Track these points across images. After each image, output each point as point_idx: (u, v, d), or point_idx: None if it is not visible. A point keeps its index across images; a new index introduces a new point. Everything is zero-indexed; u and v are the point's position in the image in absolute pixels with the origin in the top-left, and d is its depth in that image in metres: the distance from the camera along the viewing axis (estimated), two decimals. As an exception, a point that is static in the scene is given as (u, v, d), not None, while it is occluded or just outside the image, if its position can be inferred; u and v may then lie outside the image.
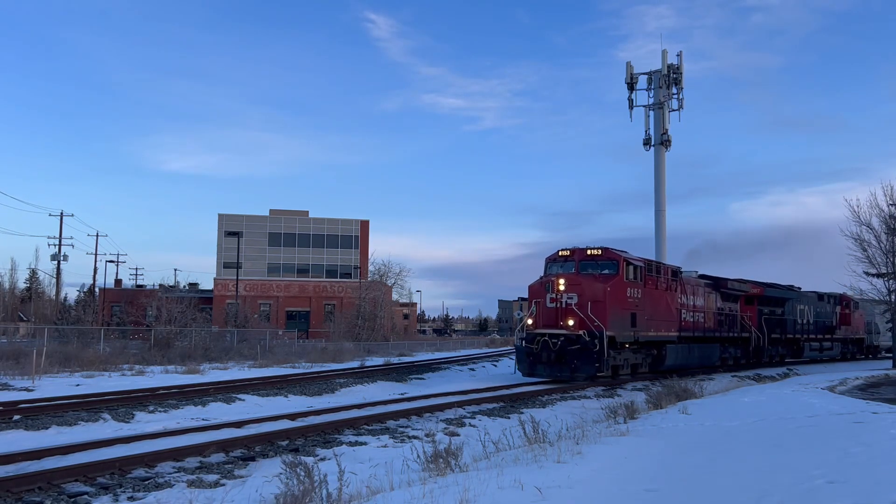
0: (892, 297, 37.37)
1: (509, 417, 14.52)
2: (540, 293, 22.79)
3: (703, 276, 31.11)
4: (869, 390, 23.04)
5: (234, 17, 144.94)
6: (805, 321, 38.86)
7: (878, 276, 37.30)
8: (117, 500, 7.70)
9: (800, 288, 39.78)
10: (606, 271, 22.86)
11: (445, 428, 12.91)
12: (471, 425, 13.49)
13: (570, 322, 21.71)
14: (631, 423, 11.84)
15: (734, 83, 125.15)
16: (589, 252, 23.08)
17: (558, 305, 22.13)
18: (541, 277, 23.67)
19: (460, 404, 15.88)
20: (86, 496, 7.77)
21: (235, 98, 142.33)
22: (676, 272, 27.48)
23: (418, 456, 8.19)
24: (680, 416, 12.78)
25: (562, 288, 22.18)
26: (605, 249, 23.13)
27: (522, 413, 14.86)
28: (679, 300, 27.19)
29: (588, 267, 22.99)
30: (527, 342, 22.23)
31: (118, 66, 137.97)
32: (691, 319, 28.06)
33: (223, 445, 10.33)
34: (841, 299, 43.59)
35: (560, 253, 23.75)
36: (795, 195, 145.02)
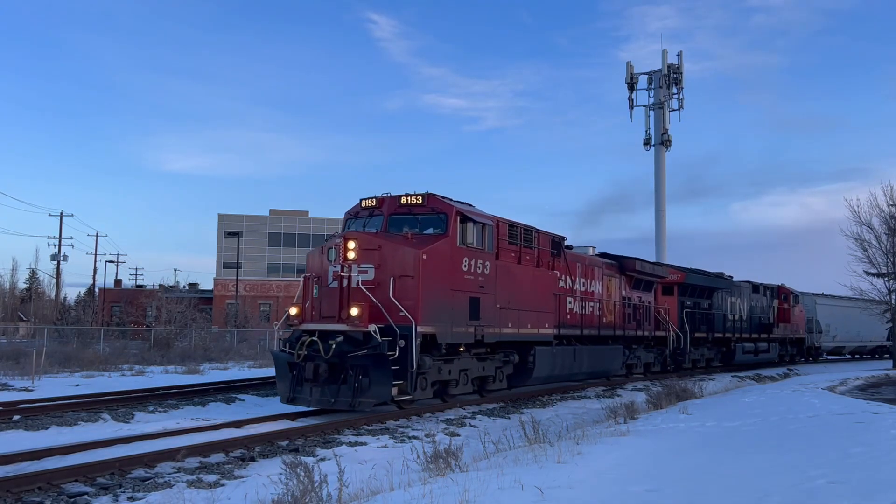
0: (892, 297, 37.34)
1: (509, 417, 14.52)
2: (319, 266, 14.50)
3: (603, 255, 23.90)
4: (869, 390, 23.03)
5: (235, 18, 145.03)
6: (737, 317, 32.61)
7: (879, 276, 37.28)
8: (117, 501, 7.70)
9: (731, 277, 33.51)
10: (431, 230, 14.74)
11: (445, 428, 12.91)
12: (471, 425, 13.49)
13: (355, 311, 13.21)
14: (631, 424, 11.84)
15: (735, 83, 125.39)
16: (404, 201, 15.06)
17: (343, 284, 13.73)
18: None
19: (461, 404, 15.87)
20: (86, 496, 7.76)
21: (236, 98, 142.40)
22: (558, 243, 19.28)
23: (418, 456, 8.18)
24: (680, 416, 12.77)
25: (351, 255, 13.74)
26: (428, 196, 14.99)
27: (523, 413, 14.85)
28: (561, 283, 19.46)
29: (403, 224, 14.85)
30: (290, 346, 14.01)
31: (118, 67, 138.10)
32: (580, 311, 20.43)
33: (223, 446, 10.32)
34: (779, 291, 37.70)
35: (363, 203, 15.62)
36: (796, 195, 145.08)
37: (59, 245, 64.83)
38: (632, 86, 50.93)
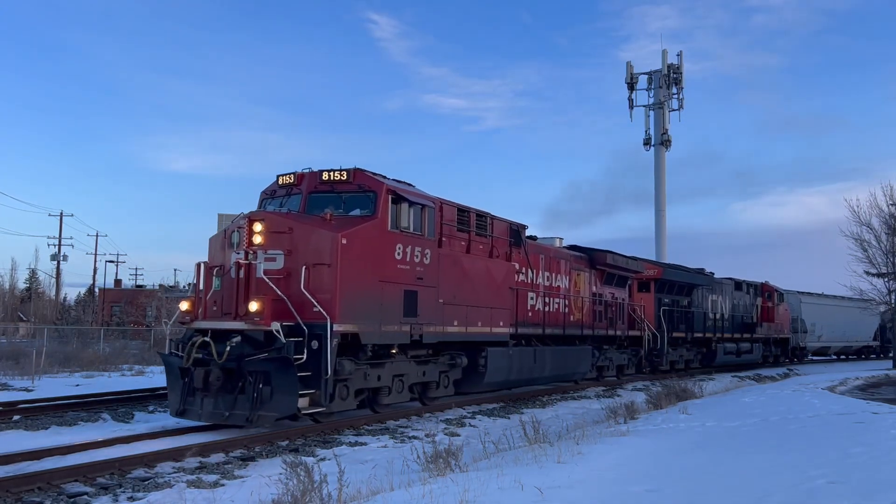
0: (892, 297, 37.36)
1: (509, 417, 14.52)
2: (221, 253, 12.49)
3: (572, 248, 21.97)
4: (869, 390, 23.05)
5: (236, 18, 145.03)
6: (719, 315, 31.10)
7: (879, 275, 37.32)
8: (117, 501, 7.70)
9: (712, 273, 31.79)
10: (357, 211, 12.81)
11: (445, 428, 12.91)
12: (471, 425, 13.48)
13: (254, 306, 11.21)
14: (631, 424, 11.84)
15: (736, 83, 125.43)
16: (326, 177, 12.96)
17: (244, 274, 11.77)
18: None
19: (460, 404, 15.87)
20: (85, 496, 7.76)
21: (236, 98, 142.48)
22: (517, 232, 17.35)
23: (418, 456, 8.18)
24: (680, 416, 12.77)
25: (257, 239, 11.80)
26: (355, 172, 12.91)
27: (523, 413, 14.85)
28: (521, 277, 17.61)
29: (326, 204, 12.75)
30: (182, 348, 11.95)
31: (119, 67, 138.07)
32: (543, 308, 18.60)
33: (223, 446, 10.32)
34: (762, 289, 36.15)
35: (280, 180, 13.52)
36: (796, 195, 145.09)
37: (59, 245, 64.87)
38: (632, 86, 50.93)
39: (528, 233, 18.46)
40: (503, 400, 17.19)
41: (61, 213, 64.72)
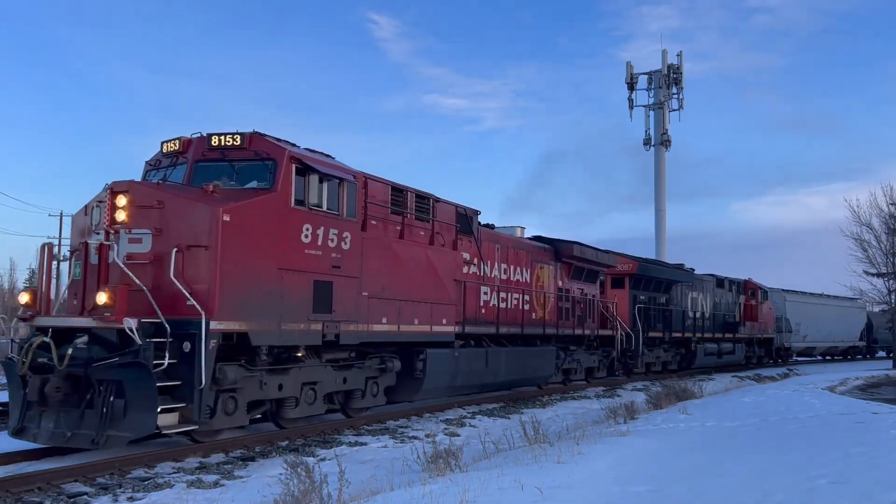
0: (892, 297, 37.38)
1: (509, 418, 14.51)
2: (81, 234, 10.80)
3: (536, 238, 20.01)
4: (869, 390, 23.08)
5: (236, 18, 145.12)
6: (699, 314, 29.50)
7: (878, 276, 37.36)
8: (117, 501, 7.69)
9: (693, 269, 30.35)
10: (254, 183, 10.75)
11: (445, 428, 12.91)
12: (471, 425, 13.48)
13: (103, 298, 9.10)
14: (631, 424, 11.84)
15: (736, 83, 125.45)
16: (216, 142, 10.85)
17: (101, 259, 9.82)
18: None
19: (460, 404, 15.87)
20: (85, 496, 7.75)
21: (236, 98, 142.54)
22: (465, 217, 15.44)
23: (418, 456, 8.18)
24: (680, 416, 12.77)
25: (121, 216, 9.74)
26: (252, 136, 10.86)
27: (523, 413, 14.84)
28: (471, 269, 15.67)
29: (216, 175, 10.72)
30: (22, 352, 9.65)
31: (119, 66, 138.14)
32: (498, 304, 16.62)
33: (223, 446, 10.31)
34: (746, 286, 34.58)
35: (165, 147, 11.42)
36: (796, 195, 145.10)
37: (59, 245, 64.73)
38: (632, 86, 50.93)
39: (485, 221, 17.04)
40: (503, 400, 17.18)
41: (61, 214, 64.41)
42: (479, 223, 16.46)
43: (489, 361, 15.89)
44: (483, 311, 16.10)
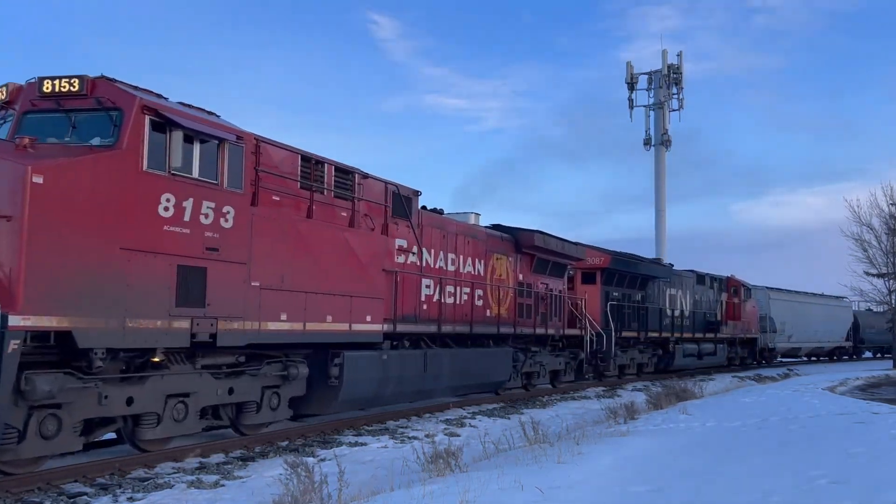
0: (892, 297, 37.39)
1: (509, 418, 14.51)
2: None
3: (495, 227, 17.95)
4: (869, 390, 23.05)
5: (236, 18, 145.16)
6: (678, 312, 27.61)
7: (879, 276, 37.36)
8: (117, 501, 7.69)
9: (671, 264, 28.76)
10: (98, 140, 8.68)
11: (445, 428, 12.91)
12: (471, 426, 13.48)
13: None
14: (631, 424, 11.85)
15: (736, 84, 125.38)
16: (49, 87, 8.81)
17: None
18: None
19: (459, 404, 15.87)
20: (85, 496, 7.75)
21: (236, 98, 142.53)
22: (400, 197, 13.46)
23: (418, 456, 8.18)
24: (680, 416, 12.77)
25: None
26: (94, 81, 8.79)
27: (523, 413, 14.85)
28: (409, 258, 13.75)
29: (49, 128, 8.80)
30: None
31: (120, 66, 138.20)
32: (441, 299, 14.58)
33: (223, 446, 10.31)
34: (728, 283, 32.56)
35: None
36: (797, 195, 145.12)
37: None
38: (632, 86, 50.93)
39: (434, 206, 15.43)
40: (503, 400, 17.18)
41: None
42: (425, 208, 14.84)
43: (429, 365, 13.76)
44: (424, 307, 14.10)
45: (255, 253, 9.96)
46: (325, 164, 11.66)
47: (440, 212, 15.68)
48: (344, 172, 12.06)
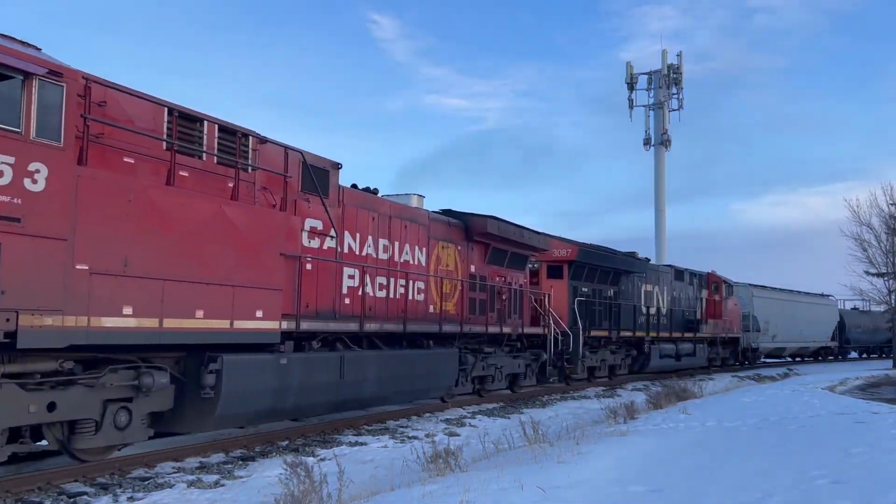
0: (892, 297, 37.43)
1: (509, 417, 14.51)
2: None
3: (445, 212, 15.93)
4: (869, 390, 23.06)
5: (236, 18, 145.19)
6: (654, 310, 25.81)
7: (878, 275, 37.41)
8: (117, 501, 7.69)
9: (648, 259, 26.83)
10: None
11: (445, 428, 12.91)
12: (471, 425, 13.48)
13: None
14: (631, 423, 11.85)
15: (737, 84, 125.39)
16: None
17: None
18: None
19: (459, 404, 15.88)
20: (85, 496, 7.75)
21: (236, 98, 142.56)
22: (310, 168, 11.41)
23: (418, 456, 8.18)
24: (680, 416, 12.78)
25: None
26: None
27: (523, 413, 14.86)
28: (326, 242, 11.68)
29: None
30: None
31: (120, 66, 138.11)
32: (370, 291, 12.59)
33: (223, 446, 10.32)
34: (709, 280, 30.69)
35: None
36: (797, 195, 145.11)
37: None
38: (631, 86, 51.01)
39: (364, 185, 13.44)
40: (503, 400, 17.18)
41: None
42: (356, 186, 13.09)
43: (347, 371, 11.44)
44: (346, 301, 12.02)
45: (81, 226, 7.66)
46: (205, 123, 9.51)
47: (374, 191, 13.56)
48: (231, 134, 9.84)
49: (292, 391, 10.49)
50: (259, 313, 9.76)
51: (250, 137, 10.15)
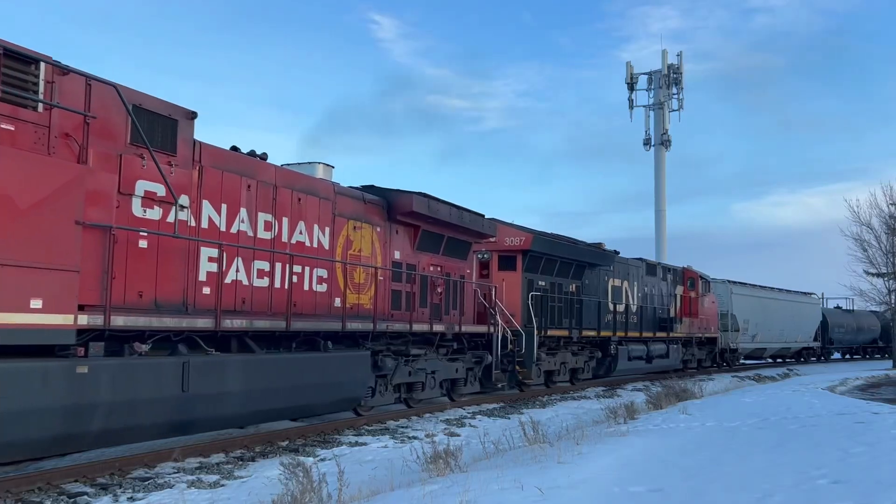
0: (892, 297, 37.45)
1: (509, 418, 14.51)
2: None
3: (367, 188, 13.65)
4: (869, 390, 23.05)
5: (236, 18, 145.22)
6: (622, 307, 23.49)
7: (878, 275, 37.45)
8: (117, 501, 7.69)
9: (617, 252, 23.68)
10: None
11: (445, 428, 12.91)
12: (471, 426, 13.48)
13: None
14: (631, 424, 11.84)
15: (737, 84, 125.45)
16: None
17: None
18: None
19: (459, 404, 15.88)
20: (85, 496, 7.75)
21: (237, 98, 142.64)
22: (148, 114, 8.75)
23: (418, 456, 8.18)
24: (680, 416, 12.77)
25: None
26: None
27: (522, 413, 14.86)
28: (174, 213, 9.07)
29: None
30: None
31: (120, 66, 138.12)
32: (244, 279, 10.27)
33: (223, 446, 10.31)
34: (684, 275, 28.55)
35: None
36: (797, 196, 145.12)
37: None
38: (631, 86, 51.09)
39: (248, 149, 10.94)
40: (503, 400, 17.18)
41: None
42: (236, 148, 10.66)
43: (192, 382, 8.82)
44: (204, 290, 9.51)
45: None
46: None
47: (263, 157, 11.01)
48: (16, 60, 7.34)
49: (100, 410, 7.82)
50: (36, 303, 7.06)
51: (42, 64, 7.55)
